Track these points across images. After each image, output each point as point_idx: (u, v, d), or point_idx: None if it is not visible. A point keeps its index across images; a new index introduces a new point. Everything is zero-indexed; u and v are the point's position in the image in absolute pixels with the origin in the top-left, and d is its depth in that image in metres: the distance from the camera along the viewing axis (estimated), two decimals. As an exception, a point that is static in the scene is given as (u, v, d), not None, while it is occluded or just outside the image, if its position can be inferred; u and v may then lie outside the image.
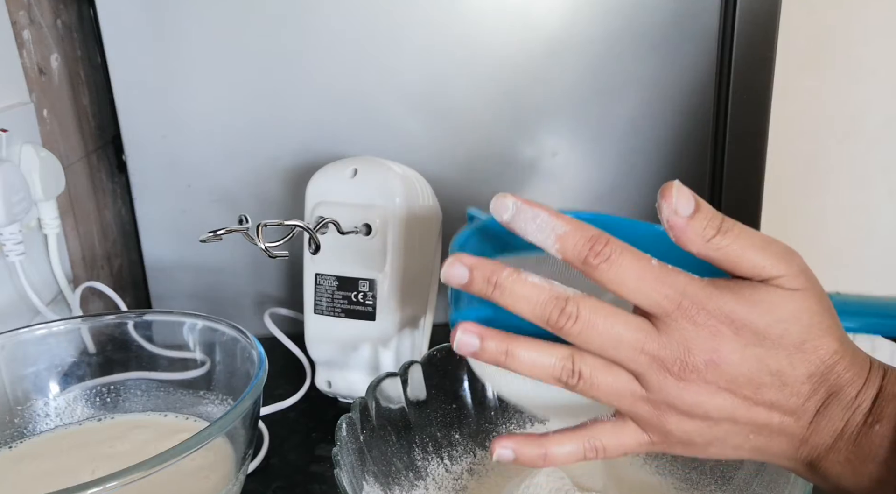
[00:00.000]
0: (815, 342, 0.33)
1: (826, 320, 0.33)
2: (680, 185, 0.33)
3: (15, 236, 0.60)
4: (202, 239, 0.50)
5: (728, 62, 0.71)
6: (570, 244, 0.33)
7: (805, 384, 0.33)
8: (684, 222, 0.33)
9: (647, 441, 0.36)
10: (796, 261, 0.33)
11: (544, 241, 0.34)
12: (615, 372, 0.34)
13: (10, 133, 0.60)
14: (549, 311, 0.33)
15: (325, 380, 0.64)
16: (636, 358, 0.33)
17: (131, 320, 0.54)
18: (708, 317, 0.33)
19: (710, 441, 0.35)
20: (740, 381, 0.33)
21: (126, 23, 0.68)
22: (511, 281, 0.34)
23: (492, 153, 0.73)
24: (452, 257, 0.35)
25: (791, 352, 0.33)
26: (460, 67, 0.70)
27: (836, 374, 0.33)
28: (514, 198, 0.34)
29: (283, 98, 0.71)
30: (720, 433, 0.35)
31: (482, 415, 0.56)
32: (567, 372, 0.34)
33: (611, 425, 0.36)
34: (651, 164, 0.74)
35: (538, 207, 0.34)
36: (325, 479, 0.55)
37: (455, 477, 0.52)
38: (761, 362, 0.33)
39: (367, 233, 0.59)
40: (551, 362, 0.34)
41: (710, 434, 0.35)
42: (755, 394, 0.33)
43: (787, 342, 0.33)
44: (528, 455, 0.37)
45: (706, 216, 0.33)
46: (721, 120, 0.74)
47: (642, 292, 0.33)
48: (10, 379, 0.51)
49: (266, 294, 0.77)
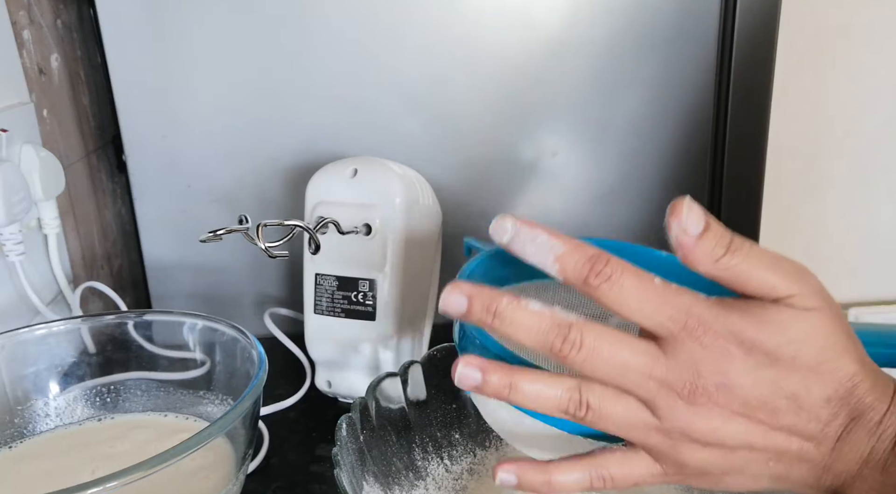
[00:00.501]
0: (831, 363, 0.32)
1: (842, 340, 0.32)
2: (691, 201, 0.32)
3: (15, 236, 0.60)
4: (202, 239, 0.50)
5: (728, 62, 0.71)
6: (569, 265, 0.32)
7: (824, 408, 0.32)
8: (693, 242, 0.31)
9: (659, 472, 0.35)
10: (809, 280, 0.32)
11: (544, 262, 0.32)
12: (625, 401, 0.33)
13: (10, 133, 0.60)
14: (551, 339, 0.32)
15: (325, 380, 0.64)
16: (644, 384, 0.32)
17: (131, 320, 0.54)
18: (715, 337, 0.31)
19: (726, 470, 0.34)
20: (754, 405, 0.32)
21: (126, 23, 0.68)
22: (511, 309, 0.32)
23: (492, 153, 0.73)
24: (450, 286, 0.33)
25: (805, 374, 0.32)
26: (460, 67, 0.70)
27: (857, 398, 0.32)
28: (513, 220, 0.33)
29: (283, 98, 0.71)
30: (738, 461, 0.33)
31: (482, 415, 0.56)
32: (574, 404, 0.33)
33: (620, 454, 0.35)
34: (651, 164, 0.74)
35: (538, 228, 0.33)
36: (325, 479, 0.55)
37: (455, 477, 0.52)
38: (775, 384, 0.32)
39: (367, 233, 0.59)
40: (557, 393, 0.33)
41: (726, 464, 0.33)
42: (771, 419, 0.32)
43: (801, 363, 0.32)
44: (531, 481, 0.35)
45: (716, 235, 0.32)
46: (721, 120, 0.74)
47: (645, 313, 0.32)
48: (10, 379, 0.51)
49: (266, 294, 0.77)
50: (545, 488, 0.35)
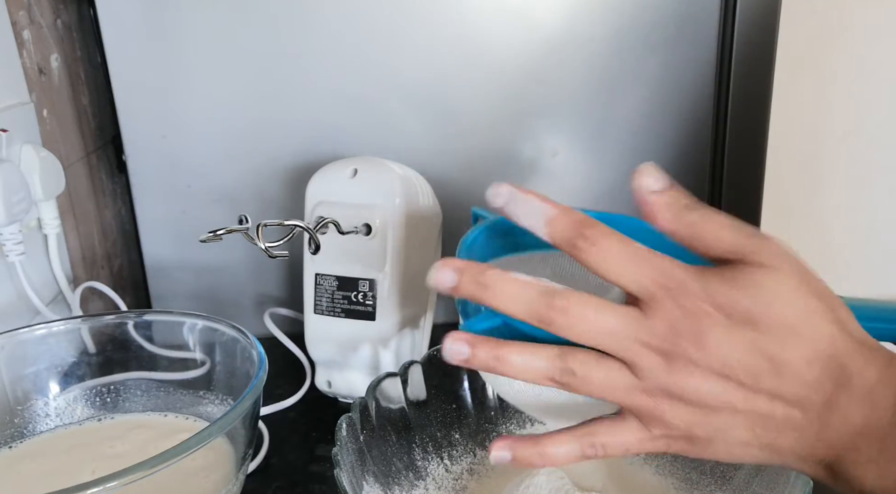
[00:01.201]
0: (808, 326, 0.32)
1: (812, 302, 0.33)
2: (654, 165, 0.34)
3: (15, 236, 0.60)
4: (202, 239, 0.50)
5: (728, 62, 0.71)
6: (558, 228, 0.33)
7: (805, 371, 0.32)
8: (655, 197, 0.34)
9: (647, 436, 0.35)
10: (771, 242, 0.33)
11: (535, 224, 0.34)
12: (607, 365, 0.34)
13: (10, 133, 0.60)
14: (537, 306, 0.33)
15: (325, 380, 0.64)
16: (627, 346, 0.33)
17: (131, 320, 0.54)
18: (694, 299, 0.32)
19: (711, 434, 0.34)
20: (733, 365, 0.32)
21: (126, 23, 0.68)
22: (497, 279, 0.34)
23: (492, 153, 0.73)
24: (440, 262, 0.35)
25: (783, 336, 0.32)
26: (460, 67, 0.70)
27: (839, 362, 0.32)
28: (508, 186, 0.34)
29: (283, 98, 0.71)
30: (721, 424, 0.34)
31: (482, 415, 0.56)
32: (559, 371, 0.34)
33: (609, 422, 0.36)
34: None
35: (530, 193, 0.34)
36: (325, 479, 0.55)
37: (455, 477, 0.52)
38: (754, 345, 0.32)
39: (367, 233, 0.59)
40: (543, 363, 0.34)
41: (710, 427, 0.34)
42: (752, 381, 0.33)
43: (777, 324, 0.32)
44: (524, 455, 0.36)
45: (677, 193, 0.34)
46: (721, 120, 0.74)
47: (627, 275, 0.33)
48: (10, 379, 0.51)
49: (266, 294, 0.77)
50: (538, 460, 0.36)
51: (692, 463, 0.52)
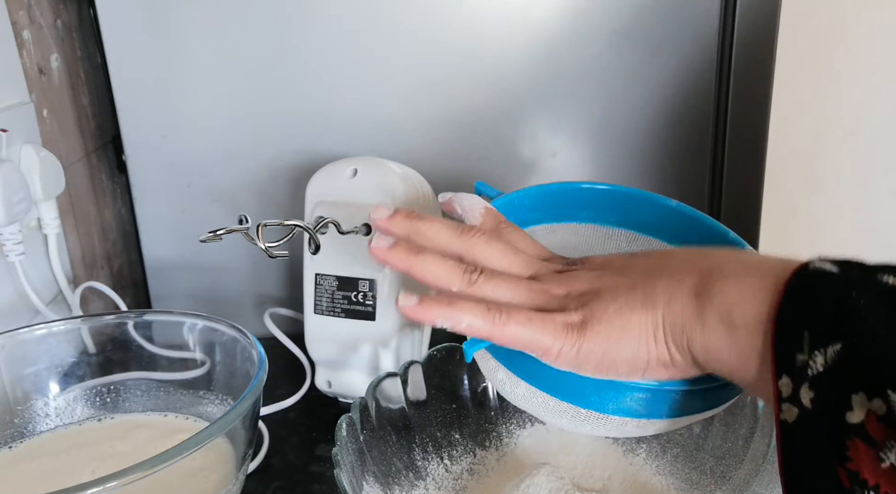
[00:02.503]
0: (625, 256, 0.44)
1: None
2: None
3: (15, 236, 0.60)
4: (202, 239, 0.50)
5: (728, 62, 0.71)
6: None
7: (635, 267, 0.41)
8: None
9: (543, 301, 0.40)
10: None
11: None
12: (509, 260, 0.42)
13: (10, 133, 0.60)
14: (455, 243, 0.42)
15: (325, 380, 0.64)
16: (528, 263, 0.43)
17: (131, 320, 0.54)
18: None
19: (599, 289, 0.39)
20: (602, 269, 0.42)
21: (126, 23, 0.68)
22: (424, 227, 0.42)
23: (492, 153, 0.73)
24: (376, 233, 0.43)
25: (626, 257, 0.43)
26: (460, 67, 0.70)
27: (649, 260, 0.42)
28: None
29: (283, 98, 0.71)
30: (601, 285, 0.40)
31: (482, 415, 0.56)
32: (467, 269, 0.40)
33: (506, 278, 0.41)
34: (651, 164, 0.74)
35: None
36: (325, 479, 0.55)
37: (455, 477, 0.52)
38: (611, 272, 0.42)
39: (367, 233, 0.59)
40: (449, 263, 0.41)
41: (598, 284, 0.40)
42: (617, 276, 0.41)
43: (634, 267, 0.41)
44: (430, 302, 0.40)
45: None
46: (721, 120, 0.74)
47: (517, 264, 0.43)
48: (10, 379, 0.51)
49: (266, 294, 0.77)
50: (446, 309, 0.39)
51: (692, 463, 0.52)
